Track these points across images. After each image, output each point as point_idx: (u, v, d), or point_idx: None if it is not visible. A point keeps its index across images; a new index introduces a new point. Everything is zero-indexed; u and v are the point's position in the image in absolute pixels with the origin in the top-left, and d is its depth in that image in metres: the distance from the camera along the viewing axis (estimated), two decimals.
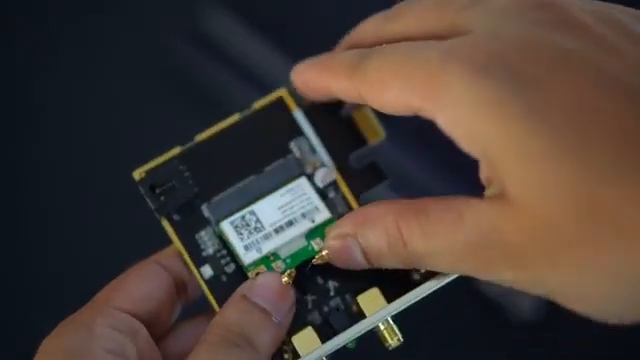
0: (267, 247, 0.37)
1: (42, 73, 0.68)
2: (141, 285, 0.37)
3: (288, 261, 0.37)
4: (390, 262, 0.35)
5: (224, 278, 0.37)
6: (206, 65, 0.68)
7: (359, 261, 0.35)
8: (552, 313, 0.63)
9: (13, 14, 0.69)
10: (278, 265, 0.37)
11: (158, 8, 0.69)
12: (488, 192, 0.33)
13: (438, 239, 0.33)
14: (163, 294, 0.37)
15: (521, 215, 0.31)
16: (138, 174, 0.38)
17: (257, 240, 0.37)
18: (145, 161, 0.38)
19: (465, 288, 0.64)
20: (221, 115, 0.67)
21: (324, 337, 0.36)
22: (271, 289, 0.36)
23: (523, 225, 0.31)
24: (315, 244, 0.37)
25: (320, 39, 0.70)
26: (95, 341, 0.34)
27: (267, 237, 0.37)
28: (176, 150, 0.38)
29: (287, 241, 0.37)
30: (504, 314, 0.64)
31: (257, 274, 0.37)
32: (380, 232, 0.35)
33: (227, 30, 0.68)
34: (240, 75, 0.67)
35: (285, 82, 0.39)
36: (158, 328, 0.37)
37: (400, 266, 0.35)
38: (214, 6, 0.69)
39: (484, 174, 0.33)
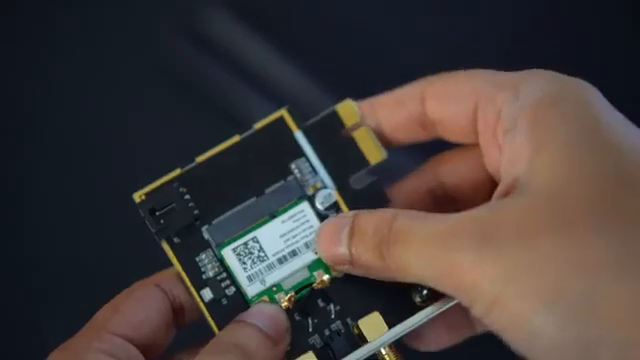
0: (271, 279, 0.37)
1: (41, 73, 0.68)
2: (139, 310, 0.36)
3: (290, 293, 0.37)
4: (367, 248, 0.35)
5: (224, 301, 0.37)
6: (206, 65, 0.68)
7: (341, 249, 0.35)
8: None
9: (12, 15, 0.69)
10: (281, 296, 0.37)
11: (158, 8, 0.69)
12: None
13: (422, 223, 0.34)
14: (160, 319, 0.37)
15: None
16: (138, 196, 0.38)
17: (260, 271, 0.37)
18: (145, 160, 0.38)
19: None
20: (220, 114, 0.68)
21: None
22: (264, 313, 0.36)
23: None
24: (318, 276, 0.37)
25: (320, 39, 0.70)
26: None
27: (270, 268, 0.37)
28: (176, 172, 0.38)
29: (290, 273, 0.37)
30: None
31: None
32: (374, 215, 0.35)
33: (227, 30, 0.68)
34: (240, 75, 0.67)
35: (283, 80, 0.39)
36: (153, 352, 0.37)
37: (373, 260, 0.35)
38: (214, 6, 0.69)
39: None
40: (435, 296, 0.36)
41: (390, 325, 0.36)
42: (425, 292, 0.36)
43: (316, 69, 0.67)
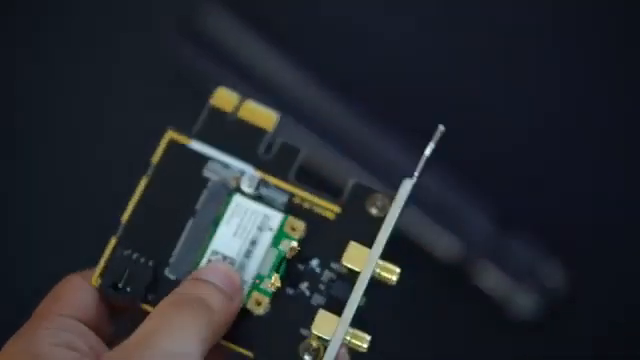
0: (249, 275, 0.38)
1: (39, 73, 0.68)
2: (78, 295, 0.37)
3: (272, 274, 0.37)
4: None
5: None
6: (206, 65, 0.68)
7: None
8: (552, 313, 0.63)
9: (12, 15, 0.69)
10: (267, 283, 0.37)
11: (158, 8, 0.69)
12: None
13: None
14: (99, 303, 0.37)
15: None
16: (94, 281, 0.38)
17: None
18: (144, 159, 0.38)
19: (465, 288, 0.64)
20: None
21: (337, 312, 0.36)
22: (219, 269, 0.37)
23: None
24: (284, 246, 0.38)
25: (320, 39, 0.70)
26: (40, 338, 0.34)
27: (242, 266, 0.38)
28: (113, 241, 0.38)
29: (261, 259, 0.38)
30: (504, 314, 0.64)
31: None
32: None
33: (227, 30, 0.68)
34: (240, 75, 0.68)
35: (283, 80, 0.39)
36: (100, 335, 0.37)
37: None
38: (214, 6, 0.69)
39: None
40: None
41: (369, 245, 0.36)
42: (379, 202, 0.38)
43: (316, 69, 0.67)
